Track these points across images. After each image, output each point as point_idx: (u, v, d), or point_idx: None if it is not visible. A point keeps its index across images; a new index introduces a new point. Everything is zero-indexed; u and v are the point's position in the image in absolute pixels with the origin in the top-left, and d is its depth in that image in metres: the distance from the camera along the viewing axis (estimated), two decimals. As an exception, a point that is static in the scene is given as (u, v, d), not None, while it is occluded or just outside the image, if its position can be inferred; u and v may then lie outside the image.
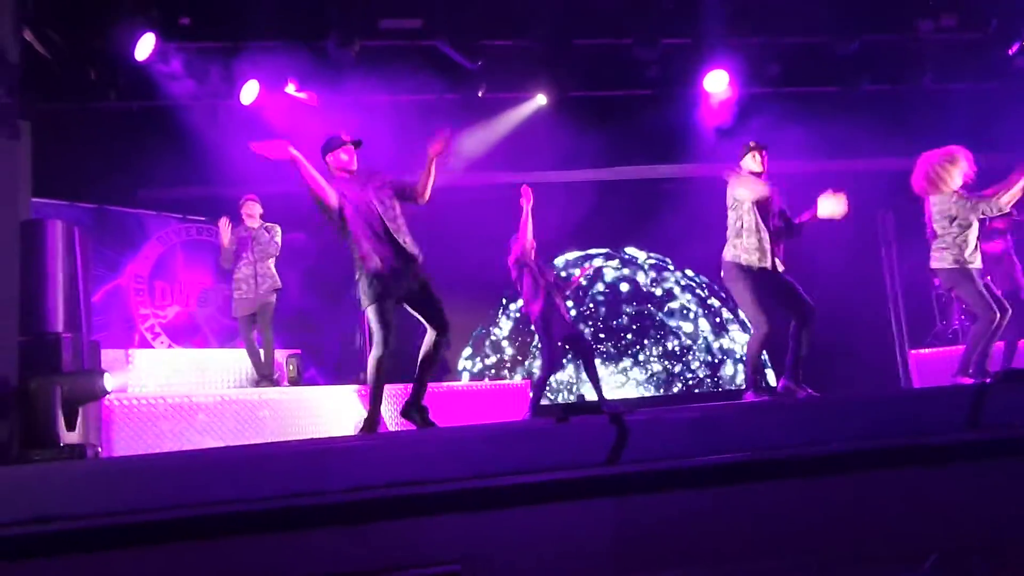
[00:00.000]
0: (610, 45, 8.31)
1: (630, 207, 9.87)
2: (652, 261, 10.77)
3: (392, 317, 4.56)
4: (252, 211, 7.16)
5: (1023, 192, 5.47)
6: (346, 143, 4.82)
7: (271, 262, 7.13)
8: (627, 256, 10.74)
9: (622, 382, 10.29)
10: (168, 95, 7.52)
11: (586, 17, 7.97)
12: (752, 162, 5.53)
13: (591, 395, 6.93)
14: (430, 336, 4.67)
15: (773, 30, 8.35)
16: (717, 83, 8.39)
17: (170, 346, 8.12)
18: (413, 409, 4.68)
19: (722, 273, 5.55)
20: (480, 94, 8.31)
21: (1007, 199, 5.46)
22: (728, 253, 5.47)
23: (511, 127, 8.87)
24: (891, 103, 8.89)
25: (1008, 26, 8.29)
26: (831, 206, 5.41)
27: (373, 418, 4.56)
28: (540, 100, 8.70)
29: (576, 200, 9.57)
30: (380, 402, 4.59)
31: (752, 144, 5.60)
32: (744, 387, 5.81)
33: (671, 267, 10.77)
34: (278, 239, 7.19)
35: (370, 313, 4.59)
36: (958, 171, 5.55)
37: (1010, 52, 8.45)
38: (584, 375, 7.99)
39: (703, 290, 10.69)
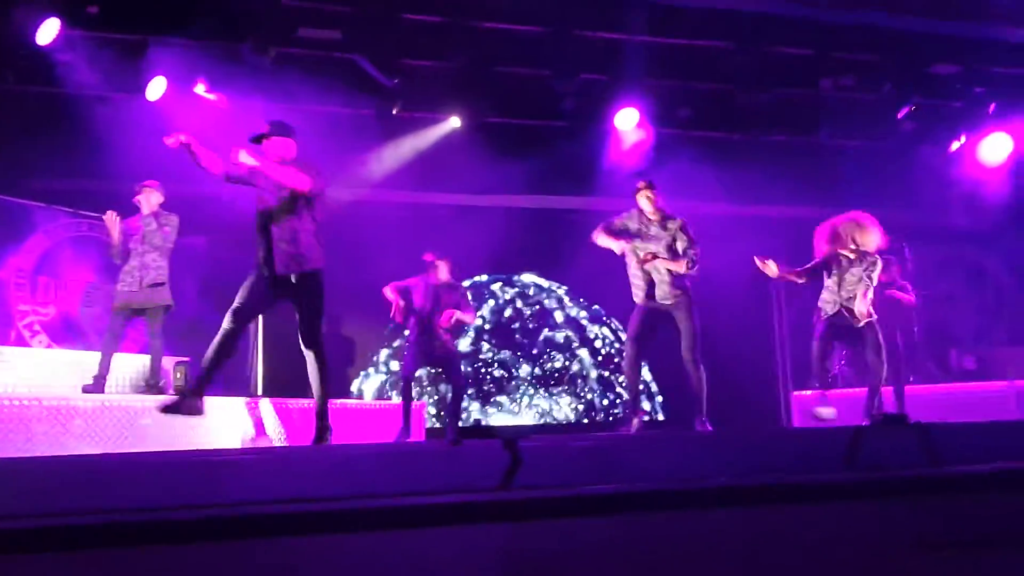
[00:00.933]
0: (528, 75, 8.44)
1: (536, 235, 9.98)
2: (554, 289, 10.89)
3: (246, 302, 4.58)
4: (148, 198, 6.73)
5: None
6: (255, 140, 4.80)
7: (158, 255, 6.69)
8: (522, 283, 10.83)
9: (511, 408, 10.33)
10: (69, 83, 7.23)
11: (506, 45, 8.08)
12: (643, 200, 5.79)
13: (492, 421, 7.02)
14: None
15: (686, 75, 8.65)
16: (628, 121, 8.61)
17: (49, 346, 7.73)
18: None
19: None
20: (395, 111, 8.29)
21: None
22: None
23: (423, 147, 8.87)
24: (790, 153, 9.30)
25: (900, 91, 8.81)
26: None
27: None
28: (455, 122, 8.74)
29: (484, 225, 9.61)
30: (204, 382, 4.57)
31: (641, 184, 5.86)
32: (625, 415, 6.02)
33: (565, 297, 10.92)
34: (170, 229, 6.74)
35: None
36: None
37: (899, 115, 8.98)
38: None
39: (591, 322, 10.86)
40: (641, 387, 6.29)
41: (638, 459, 2.32)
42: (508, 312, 10.67)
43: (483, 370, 10.34)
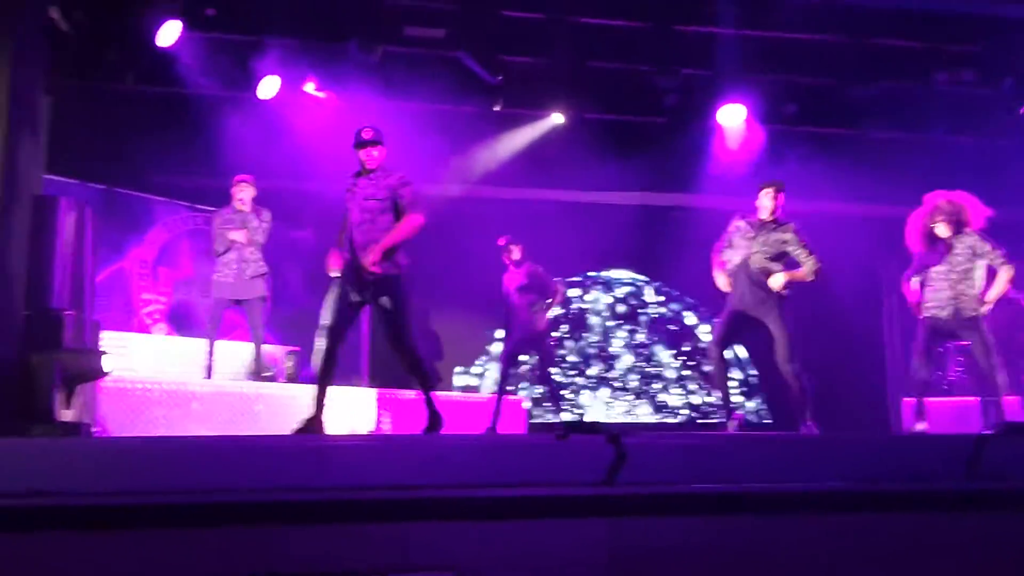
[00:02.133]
0: (630, 70, 8.38)
1: (637, 233, 9.90)
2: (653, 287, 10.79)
3: (335, 314, 4.60)
4: (244, 193, 6.88)
5: None
6: (357, 147, 4.86)
7: (255, 248, 6.83)
8: (625, 280, 10.76)
9: (617, 405, 10.29)
10: (187, 83, 7.55)
11: (608, 40, 8.04)
12: (765, 200, 5.63)
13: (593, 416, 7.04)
14: None
15: (792, 69, 8.43)
16: (732, 116, 8.46)
17: (169, 333, 8.12)
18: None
19: None
20: (497, 108, 8.36)
21: None
22: None
23: (525, 144, 8.92)
24: (902, 150, 8.95)
25: (1021, 85, 8.38)
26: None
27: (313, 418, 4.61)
28: (556, 119, 8.75)
29: (586, 222, 9.61)
30: (321, 402, 4.63)
31: (765, 183, 5.71)
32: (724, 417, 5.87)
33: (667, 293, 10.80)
34: (268, 224, 6.93)
35: None
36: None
37: (1021, 111, 8.54)
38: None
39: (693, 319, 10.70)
40: (735, 386, 6.17)
41: (745, 460, 2.29)
42: (604, 310, 10.63)
43: (583, 364, 10.34)
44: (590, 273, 10.66)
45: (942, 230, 5.76)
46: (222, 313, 6.81)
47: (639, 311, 10.69)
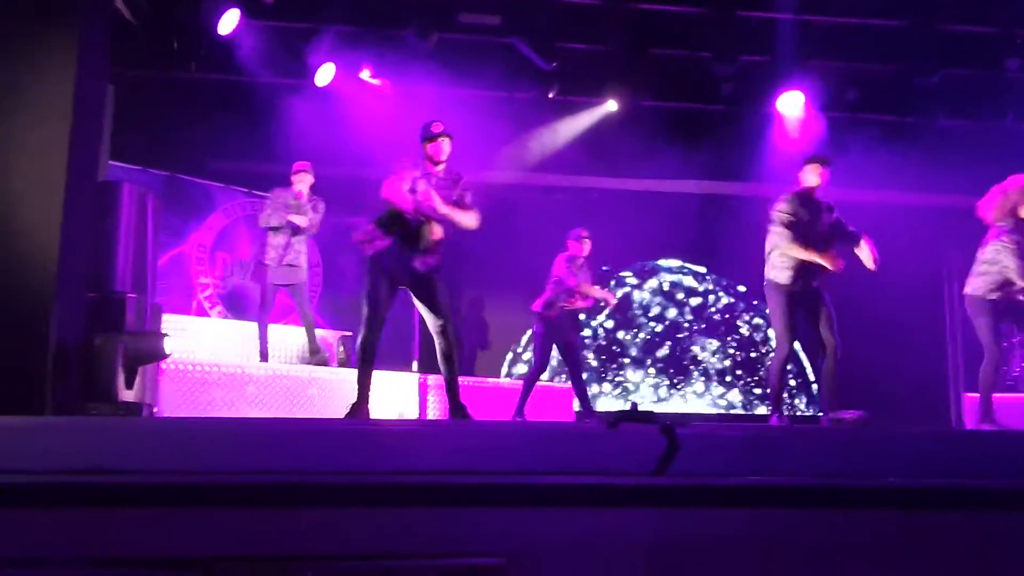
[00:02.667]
0: (687, 57, 8.28)
1: (695, 222, 9.79)
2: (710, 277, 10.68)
3: (375, 301, 4.64)
4: (303, 183, 6.93)
5: None
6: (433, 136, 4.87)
7: (302, 237, 6.89)
8: (677, 269, 10.66)
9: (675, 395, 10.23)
10: (246, 70, 7.67)
11: (664, 27, 7.95)
12: (812, 175, 5.49)
13: (645, 405, 6.95)
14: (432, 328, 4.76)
15: (854, 55, 8.24)
16: (791, 104, 8.30)
17: (225, 316, 8.28)
18: (453, 408, 4.80)
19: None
20: (551, 95, 8.33)
21: None
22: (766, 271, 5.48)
23: (580, 131, 8.87)
24: (968, 139, 8.69)
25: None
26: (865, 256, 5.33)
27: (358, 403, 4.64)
28: (611, 106, 8.69)
29: (640, 210, 9.53)
30: (366, 387, 4.66)
31: (813, 157, 5.56)
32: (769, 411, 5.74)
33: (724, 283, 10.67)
34: (319, 216, 6.96)
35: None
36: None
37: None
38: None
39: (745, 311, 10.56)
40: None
41: (799, 452, 2.25)
42: (657, 299, 10.55)
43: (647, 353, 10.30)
44: (643, 263, 10.57)
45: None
46: (273, 296, 6.88)
47: (692, 301, 10.58)
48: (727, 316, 10.57)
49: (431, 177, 4.82)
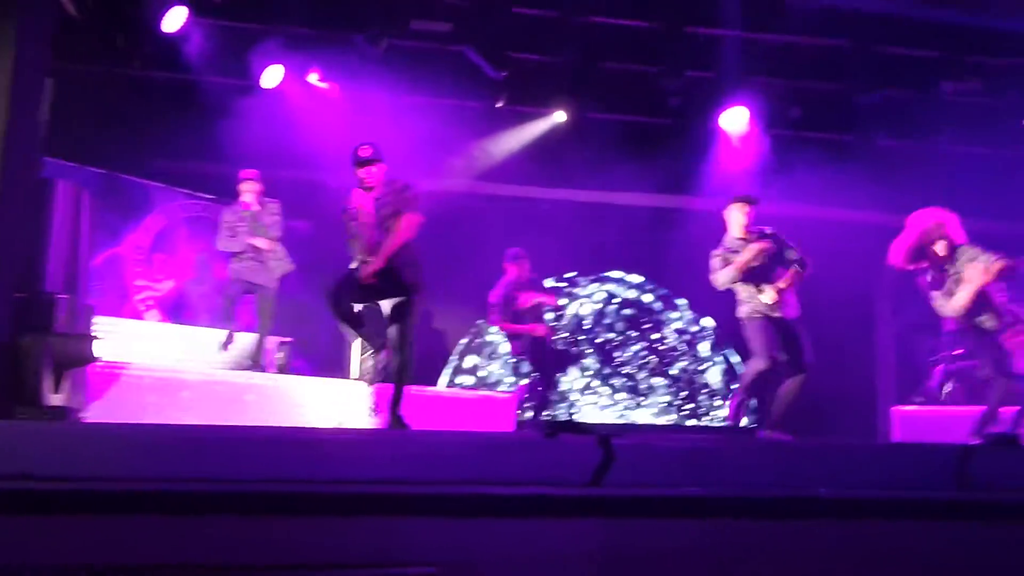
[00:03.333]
0: (635, 71, 8.37)
1: (638, 234, 9.88)
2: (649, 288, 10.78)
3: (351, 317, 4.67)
4: (249, 193, 6.85)
5: None
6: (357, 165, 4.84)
7: (264, 242, 6.80)
8: (622, 281, 10.74)
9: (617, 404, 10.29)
10: (191, 69, 7.53)
11: (614, 40, 8.03)
12: (738, 214, 5.60)
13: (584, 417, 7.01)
14: None
15: (798, 74, 8.42)
16: (735, 120, 8.44)
17: (161, 320, 8.10)
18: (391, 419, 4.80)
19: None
20: (500, 105, 8.35)
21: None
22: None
23: (528, 141, 8.90)
24: (905, 159, 8.94)
25: (1027, 97, 8.38)
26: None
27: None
28: (559, 117, 8.73)
29: (585, 221, 9.59)
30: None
31: (739, 197, 5.68)
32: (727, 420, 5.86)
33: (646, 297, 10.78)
34: (277, 218, 6.88)
35: None
36: None
37: (1024, 122, 8.54)
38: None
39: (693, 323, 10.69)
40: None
41: (733, 464, 2.27)
42: (603, 310, 10.61)
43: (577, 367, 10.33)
44: (585, 274, 10.62)
45: (941, 248, 5.69)
46: (239, 298, 6.81)
47: (635, 313, 10.66)
48: (672, 329, 10.67)
49: (363, 207, 4.79)
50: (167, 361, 6.73)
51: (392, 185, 4.82)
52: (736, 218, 5.59)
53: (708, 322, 10.44)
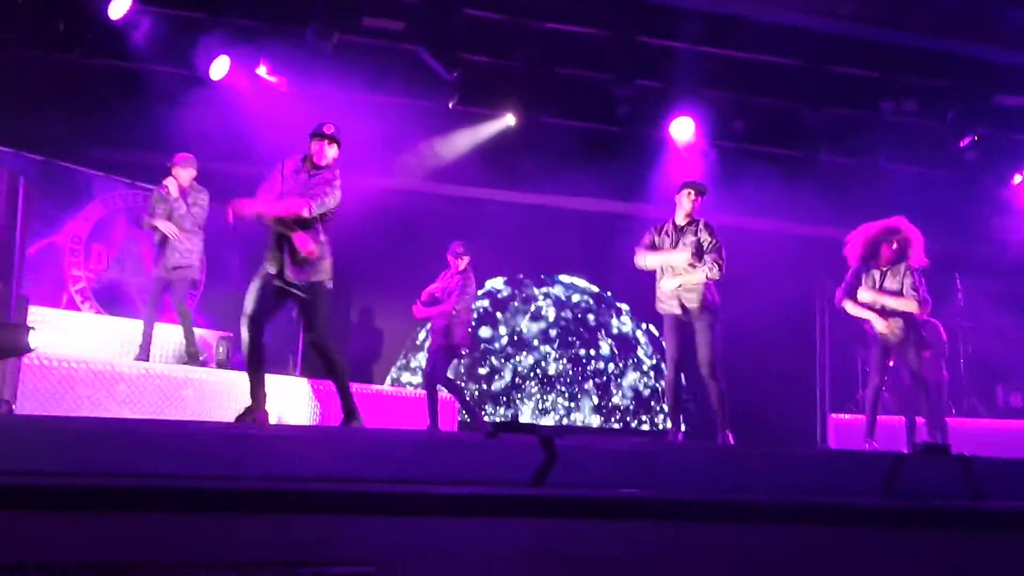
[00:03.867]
0: (586, 78, 8.43)
1: (582, 239, 9.96)
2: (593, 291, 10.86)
3: (255, 299, 4.58)
4: (180, 174, 6.65)
5: None
6: (313, 136, 4.79)
7: (185, 236, 6.58)
8: (567, 283, 10.81)
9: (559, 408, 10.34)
10: (136, 58, 7.38)
11: (566, 46, 8.08)
12: (685, 201, 5.65)
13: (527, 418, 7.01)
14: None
15: (745, 88, 8.58)
16: (683, 130, 8.57)
17: (98, 312, 7.90)
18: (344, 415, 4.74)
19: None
20: (451, 105, 8.35)
21: None
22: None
23: (476, 143, 8.91)
24: (847, 175, 9.18)
25: (964, 119, 8.65)
26: None
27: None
28: (509, 120, 8.76)
29: (532, 224, 9.63)
30: (259, 388, 4.57)
31: (689, 182, 5.74)
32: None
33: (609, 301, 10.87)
34: (200, 209, 6.67)
35: None
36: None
37: (961, 144, 8.82)
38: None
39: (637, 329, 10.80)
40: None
41: (674, 467, 2.31)
42: (549, 314, 10.66)
43: (518, 369, 10.37)
44: (530, 277, 10.67)
45: (886, 253, 5.93)
46: (161, 293, 6.61)
47: (578, 316, 10.73)
48: (615, 334, 10.77)
49: (300, 171, 4.74)
50: (103, 354, 6.57)
51: (332, 168, 4.79)
52: (682, 204, 5.64)
53: (651, 328, 10.56)
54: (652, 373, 10.67)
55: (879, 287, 5.91)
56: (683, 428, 5.71)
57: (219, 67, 7.62)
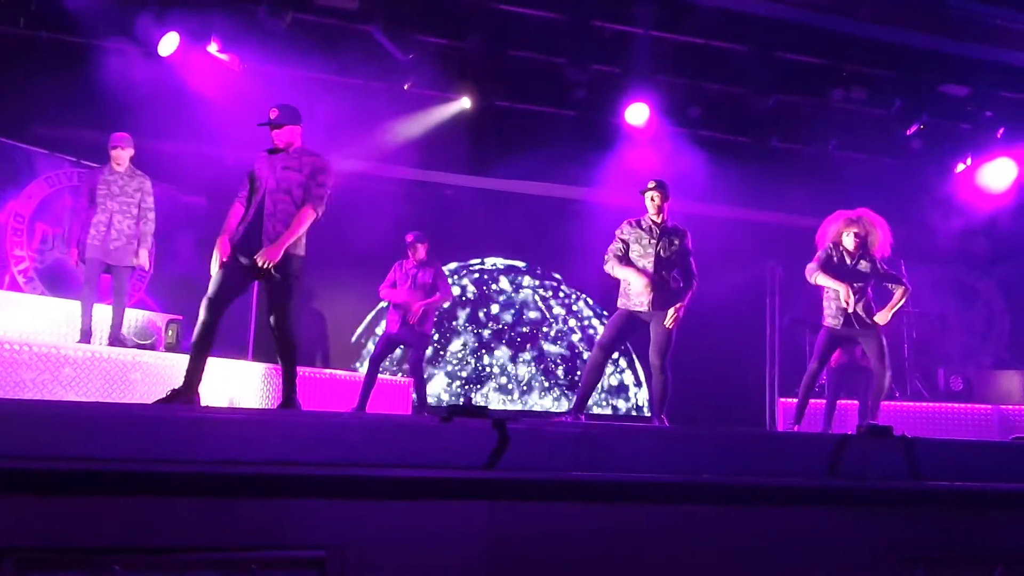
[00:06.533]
0: (542, 61, 8.42)
1: (536, 223, 9.98)
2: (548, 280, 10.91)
3: (222, 285, 4.51)
4: (120, 155, 6.40)
5: None
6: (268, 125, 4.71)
7: (123, 217, 6.35)
8: (516, 268, 10.84)
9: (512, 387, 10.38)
10: (81, 32, 7.19)
11: (522, 29, 8.05)
12: (649, 202, 5.65)
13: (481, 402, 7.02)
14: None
15: (698, 74, 8.64)
16: (638, 115, 8.61)
17: (43, 293, 7.72)
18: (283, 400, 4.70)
19: None
20: (406, 87, 8.28)
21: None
22: None
23: (431, 125, 8.85)
24: (797, 161, 9.31)
25: (910, 108, 8.82)
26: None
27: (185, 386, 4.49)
28: (464, 103, 8.72)
29: (486, 207, 9.63)
30: (196, 371, 4.51)
31: (652, 184, 5.70)
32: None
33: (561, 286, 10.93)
34: (142, 193, 6.44)
35: None
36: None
37: (908, 132, 8.99)
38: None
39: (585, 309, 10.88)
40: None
41: (625, 449, 2.34)
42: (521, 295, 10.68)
43: (478, 355, 10.39)
44: (482, 260, 10.67)
45: (850, 242, 6.05)
46: (97, 276, 6.42)
47: (531, 301, 10.78)
48: (570, 320, 10.83)
49: (274, 159, 4.67)
50: (48, 336, 6.42)
51: (311, 152, 4.73)
52: (648, 206, 5.64)
53: (603, 312, 10.64)
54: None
55: (851, 271, 6.02)
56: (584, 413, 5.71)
57: (168, 43, 7.45)
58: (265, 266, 4.47)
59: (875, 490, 2.04)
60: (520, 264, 10.78)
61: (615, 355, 8.39)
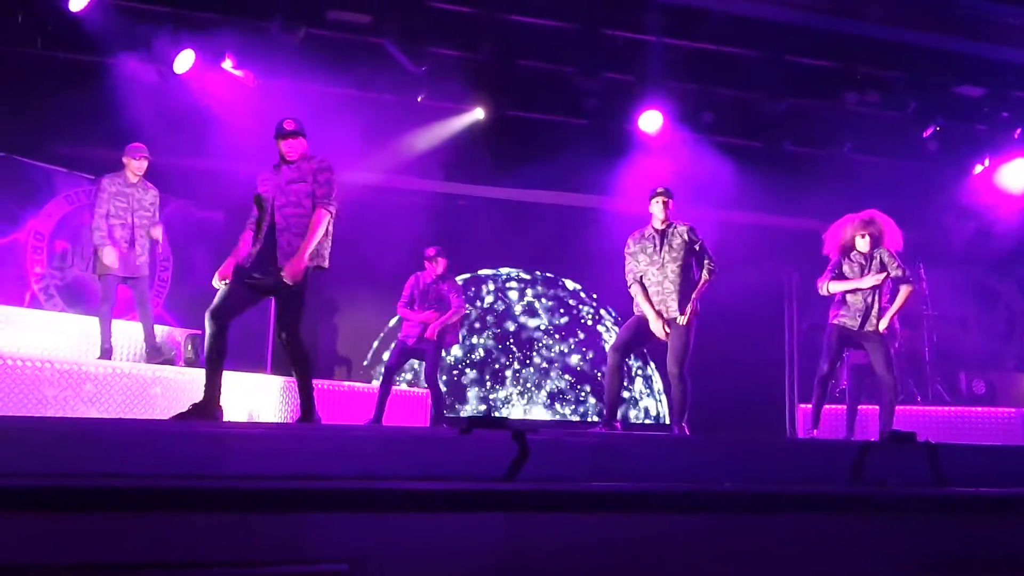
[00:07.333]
0: (554, 71, 8.43)
1: (550, 230, 9.97)
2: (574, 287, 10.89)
3: (227, 298, 4.53)
4: (134, 166, 6.46)
5: None
6: (277, 135, 4.74)
7: (142, 231, 6.42)
8: (530, 278, 10.83)
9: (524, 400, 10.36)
10: (98, 51, 7.26)
11: (534, 39, 8.08)
12: (657, 207, 5.66)
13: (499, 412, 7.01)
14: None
15: (710, 80, 8.63)
16: (651, 123, 8.60)
17: (63, 310, 7.78)
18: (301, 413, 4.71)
19: None
20: (420, 99, 8.32)
21: None
22: None
23: (445, 136, 8.88)
24: (812, 165, 9.26)
25: (925, 110, 8.76)
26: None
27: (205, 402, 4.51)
28: (478, 114, 8.75)
29: (500, 217, 9.63)
30: (214, 384, 4.52)
31: (659, 190, 5.72)
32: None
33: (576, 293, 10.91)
34: (151, 204, 6.51)
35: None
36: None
37: (924, 135, 8.94)
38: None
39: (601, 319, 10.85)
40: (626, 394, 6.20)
41: (646, 459, 2.33)
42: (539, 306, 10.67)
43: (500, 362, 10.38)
44: (497, 270, 10.67)
45: (862, 244, 6.03)
46: (115, 289, 6.43)
47: (546, 310, 10.76)
48: (586, 326, 10.81)
49: (280, 172, 4.69)
50: (69, 352, 6.47)
51: (310, 158, 4.75)
52: (655, 211, 5.66)
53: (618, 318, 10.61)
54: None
55: (861, 277, 6.01)
56: (619, 418, 5.71)
57: (183, 61, 7.53)
58: (294, 284, 4.48)
59: (898, 497, 2.02)
60: (537, 274, 10.77)
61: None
